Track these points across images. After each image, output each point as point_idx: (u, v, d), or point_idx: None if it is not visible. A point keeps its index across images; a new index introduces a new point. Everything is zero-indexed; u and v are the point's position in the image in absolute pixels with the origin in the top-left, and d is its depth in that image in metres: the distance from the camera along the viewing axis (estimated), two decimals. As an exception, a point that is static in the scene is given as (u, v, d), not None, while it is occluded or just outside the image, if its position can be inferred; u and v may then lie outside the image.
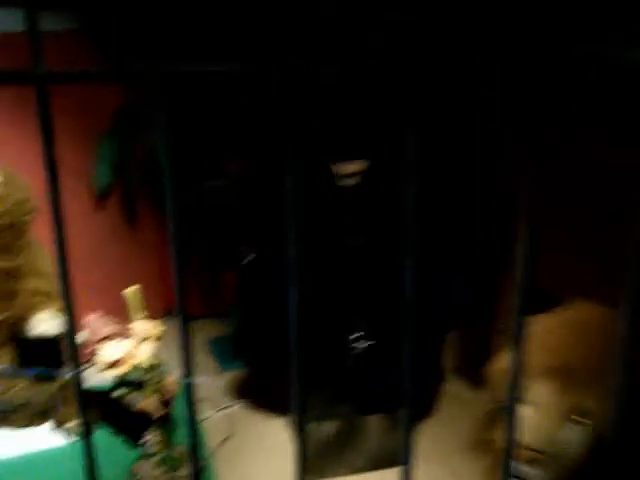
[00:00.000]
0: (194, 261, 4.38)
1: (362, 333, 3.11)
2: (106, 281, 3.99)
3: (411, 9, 0.66)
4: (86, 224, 3.89)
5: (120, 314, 2.65)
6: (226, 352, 4.18)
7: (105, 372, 2.37)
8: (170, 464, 2.64)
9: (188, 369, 0.72)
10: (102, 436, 2.87)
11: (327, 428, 3.22)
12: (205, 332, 4.43)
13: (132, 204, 4.12)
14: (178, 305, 0.71)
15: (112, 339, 2.38)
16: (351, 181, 3.25)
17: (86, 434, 0.69)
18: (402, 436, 0.81)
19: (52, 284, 2.82)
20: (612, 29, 2.49)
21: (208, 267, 4.33)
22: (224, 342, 4.30)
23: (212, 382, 3.73)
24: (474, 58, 0.73)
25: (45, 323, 2.55)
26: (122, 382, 2.42)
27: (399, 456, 0.82)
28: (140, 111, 3.93)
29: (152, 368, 2.41)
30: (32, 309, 2.61)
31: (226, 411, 3.61)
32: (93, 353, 2.40)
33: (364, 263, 3.18)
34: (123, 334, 2.40)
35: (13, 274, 2.70)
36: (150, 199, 4.27)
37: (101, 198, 3.91)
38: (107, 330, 2.38)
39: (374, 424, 3.28)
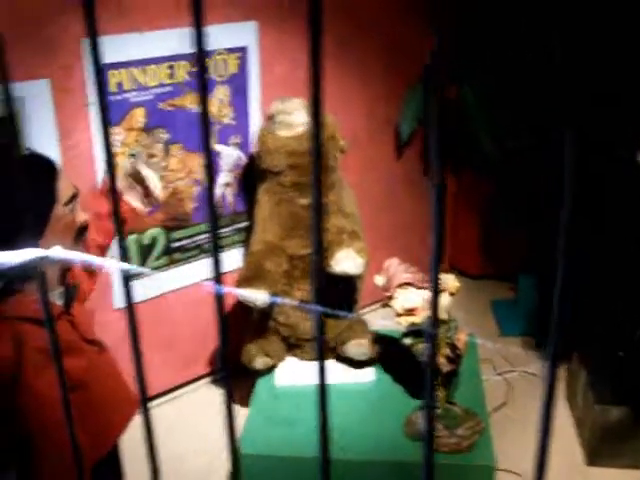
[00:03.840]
0: (482, 218, 4.27)
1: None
2: (395, 228, 4.03)
3: None
4: (387, 170, 3.93)
5: (407, 262, 2.63)
6: (509, 315, 4.04)
7: (399, 318, 2.37)
8: (449, 420, 2.60)
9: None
10: (383, 381, 2.91)
11: (614, 414, 2.98)
12: (488, 293, 4.32)
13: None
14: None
15: (410, 286, 2.36)
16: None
17: (430, 388, 0.63)
18: None
19: (355, 224, 2.87)
20: None
21: (503, 224, 4.20)
22: (508, 305, 4.17)
23: (493, 345, 3.63)
24: None
25: (346, 262, 2.59)
26: (414, 331, 2.40)
27: None
28: (450, 62, 3.86)
29: (446, 322, 2.36)
30: (334, 246, 2.67)
31: (506, 376, 3.50)
32: (390, 297, 2.40)
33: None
34: (420, 283, 2.37)
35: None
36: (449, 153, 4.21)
37: (403, 147, 3.92)
38: (406, 276, 2.36)
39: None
